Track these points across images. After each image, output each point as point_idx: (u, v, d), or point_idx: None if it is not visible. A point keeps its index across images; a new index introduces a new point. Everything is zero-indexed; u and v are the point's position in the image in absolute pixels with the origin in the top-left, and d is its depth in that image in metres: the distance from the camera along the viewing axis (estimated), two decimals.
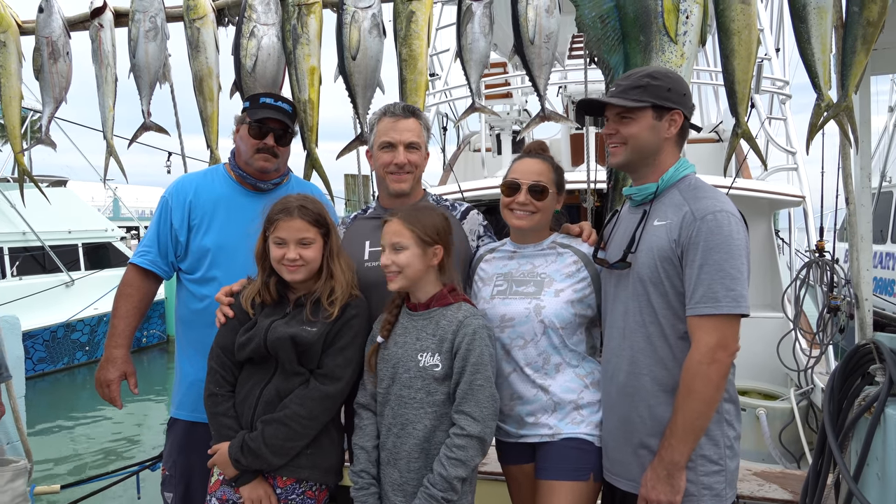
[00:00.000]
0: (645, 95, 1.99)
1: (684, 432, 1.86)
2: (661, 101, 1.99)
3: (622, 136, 2.03)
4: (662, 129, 2.01)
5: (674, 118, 2.01)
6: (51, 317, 12.41)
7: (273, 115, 2.56)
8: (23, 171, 3.32)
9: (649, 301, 1.97)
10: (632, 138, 2.02)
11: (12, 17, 3.08)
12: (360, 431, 2.18)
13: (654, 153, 2.03)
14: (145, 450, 8.75)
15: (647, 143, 2.02)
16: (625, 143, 2.03)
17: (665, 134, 2.02)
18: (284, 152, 2.63)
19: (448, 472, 1.95)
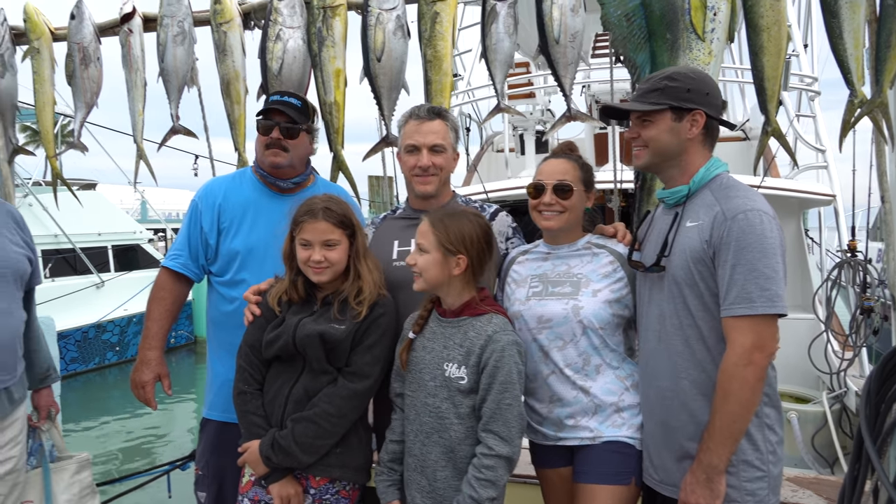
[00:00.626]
0: (662, 98, 1.98)
1: (722, 436, 1.83)
2: (679, 103, 1.97)
3: (643, 139, 2.03)
4: (683, 130, 1.99)
5: (695, 118, 1.98)
6: (82, 317, 12.66)
7: (278, 108, 2.56)
8: (56, 174, 3.39)
9: (685, 303, 1.94)
10: (652, 141, 2.01)
11: (45, 25, 3.15)
12: (390, 423, 2.21)
13: (678, 154, 2.01)
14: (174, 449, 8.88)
15: (667, 145, 2.00)
16: (646, 145, 2.03)
17: (687, 135, 1.99)
18: (295, 146, 2.58)
19: (479, 494, 1.94)
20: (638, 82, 2.66)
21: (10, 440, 2.45)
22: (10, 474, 2.47)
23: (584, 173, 2.28)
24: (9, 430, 2.45)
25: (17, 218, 2.58)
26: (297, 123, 2.57)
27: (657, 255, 2.00)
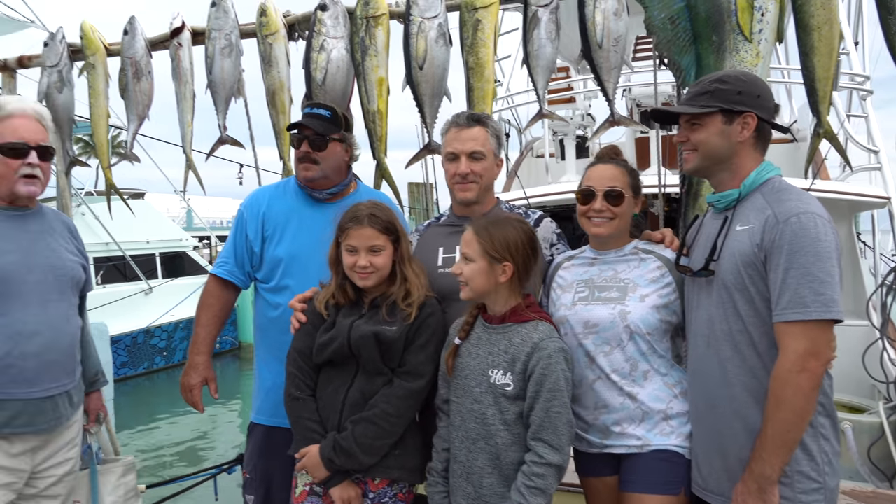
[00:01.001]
0: (712, 100, 1.95)
1: (775, 445, 1.79)
2: (730, 105, 1.94)
3: (692, 142, 2.01)
4: (734, 134, 1.96)
5: (746, 121, 1.95)
6: (132, 323, 13.03)
7: (306, 122, 2.59)
8: (110, 185, 3.50)
9: (735, 308, 1.90)
10: (701, 144, 1.98)
11: (100, 41, 3.26)
12: (437, 431, 2.22)
13: (729, 158, 1.98)
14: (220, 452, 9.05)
15: (717, 149, 1.97)
16: (695, 149, 2.00)
17: (738, 138, 1.96)
18: (325, 157, 2.60)
19: (528, 502, 1.94)
20: (683, 86, 2.63)
21: (68, 442, 2.53)
22: (69, 475, 2.56)
23: (633, 179, 2.26)
24: (68, 433, 2.53)
25: (72, 227, 2.67)
26: (323, 135, 2.59)
27: (706, 258, 1.96)
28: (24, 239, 2.40)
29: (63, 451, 2.51)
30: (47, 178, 2.47)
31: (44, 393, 2.38)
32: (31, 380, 2.34)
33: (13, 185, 2.35)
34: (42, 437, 2.41)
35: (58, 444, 2.48)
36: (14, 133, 2.35)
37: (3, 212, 2.39)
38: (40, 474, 2.44)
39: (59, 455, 2.49)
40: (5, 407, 2.30)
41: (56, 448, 2.47)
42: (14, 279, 2.32)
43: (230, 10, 3.08)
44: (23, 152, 2.36)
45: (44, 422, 2.40)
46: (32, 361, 2.33)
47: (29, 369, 2.33)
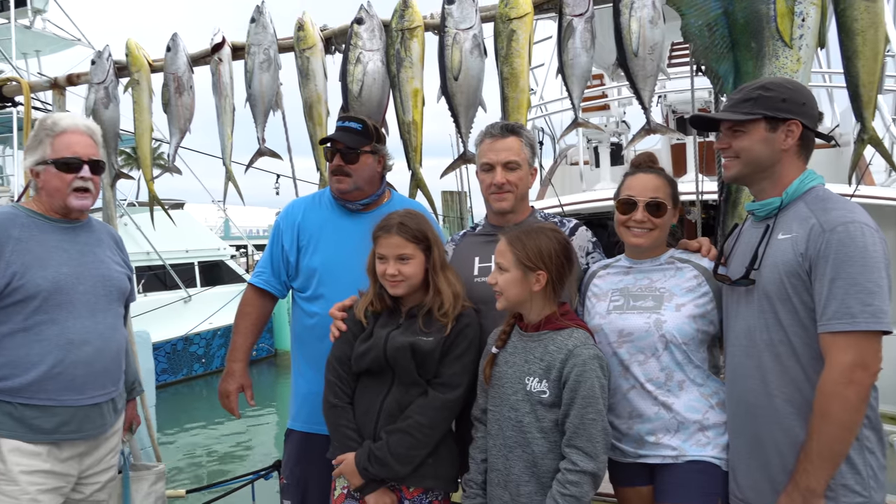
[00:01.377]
0: (756, 107, 1.92)
1: (820, 458, 1.75)
2: (774, 112, 1.91)
3: (734, 149, 1.98)
4: (778, 141, 1.93)
5: (790, 129, 1.92)
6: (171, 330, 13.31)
7: (337, 136, 2.65)
8: (153, 197, 3.59)
9: (777, 318, 1.87)
10: (743, 152, 1.96)
11: (144, 58, 3.36)
12: (473, 443, 2.23)
13: (771, 166, 1.95)
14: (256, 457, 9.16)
15: (760, 156, 1.94)
16: (737, 156, 1.98)
17: (781, 146, 1.93)
18: (356, 170, 2.64)
19: None
20: (721, 93, 2.60)
21: (112, 449, 2.60)
22: (112, 482, 2.63)
23: (672, 189, 2.24)
24: (112, 440, 2.60)
25: (117, 239, 2.76)
26: (354, 148, 2.63)
27: (746, 267, 1.93)
28: (75, 251, 2.48)
29: (107, 458, 2.58)
30: (97, 191, 2.56)
31: (91, 400, 2.45)
32: (80, 387, 2.41)
33: (66, 198, 2.44)
34: (89, 443, 2.48)
35: (102, 450, 2.55)
36: (68, 148, 2.44)
37: (55, 224, 2.48)
38: (86, 480, 2.51)
39: (104, 462, 2.56)
40: (55, 413, 2.37)
41: (101, 455, 2.54)
42: (66, 290, 2.40)
43: (269, 25, 3.14)
44: (76, 167, 2.44)
45: (91, 428, 2.47)
46: (82, 369, 2.41)
47: (78, 377, 2.40)
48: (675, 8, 2.58)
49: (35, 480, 2.34)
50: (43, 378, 2.34)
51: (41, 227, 2.44)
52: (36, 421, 2.34)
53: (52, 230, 2.46)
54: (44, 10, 17.76)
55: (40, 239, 2.40)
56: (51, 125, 2.46)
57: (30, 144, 2.48)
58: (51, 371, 2.35)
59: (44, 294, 2.35)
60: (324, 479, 2.49)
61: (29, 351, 2.34)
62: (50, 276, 2.37)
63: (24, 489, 2.31)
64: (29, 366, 2.33)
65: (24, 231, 2.38)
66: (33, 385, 2.34)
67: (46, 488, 2.36)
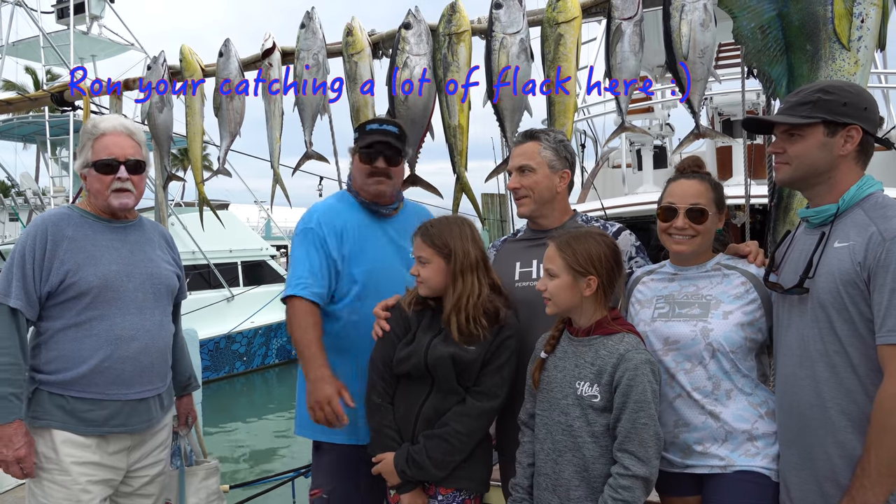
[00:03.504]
0: (815, 111, 1.87)
1: (879, 473, 1.71)
2: (834, 117, 1.86)
3: (789, 154, 1.93)
4: (836, 146, 1.87)
5: (850, 134, 1.87)
6: (215, 329, 13.60)
7: (380, 138, 2.63)
8: (203, 199, 3.69)
9: (832, 328, 1.83)
10: (799, 157, 1.90)
11: (198, 63, 3.45)
12: (520, 448, 2.23)
13: (827, 171, 1.90)
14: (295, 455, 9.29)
15: (816, 162, 1.89)
16: (789, 162, 1.93)
17: (840, 151, 1.88)
18: (397, 172, 2.68)
19: None
20: (773, 97, 2.55)
21: (160, 444, 2.68)
22: (161, 476, 2.70)
23: (717, 194, 2.20)
24: (159, 435, 2.67)
25: (168, 238, 2.83)
26: (399, 151, 2.64)
27: (800, 276, 1.88)
28: (126, 249, 2.57)
29: (155, 453, 2.65)
30: (140, 190, 2.60)
31: (138, 395, 2.52)
32: (127, 382, 2.49)
33: (107, 199, 2.52)
34: (136, 437, 2.56)
35: (150, 445, 2.62)
36: (105, 150, 2.52)
37: (106, 223, 2.57)
38: (134, 473, 2.59)
39: (152, 456, 2.64)
40: (104, 406, 2.46)
41: (149, 449, 2.62)
42: (115, 287, 2.48)
43: (318, 30, 3.19)
44: (114, 168, 2.51)
45: (137, 423, 2.54)
46: (129, 364, 2.48)
47: (126, 372, 2.48)
48: (727, 10, 2.54)
49: (85, 471, 2.42)
50: (92, 372, 2.42)
51: (94, 226, 2.53)
52: (86, 414, 2.43)
53: (104, 230, 2.55)
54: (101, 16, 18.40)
55: (92, 238, 2.49)
56: (91, 129, 2.55)
57: (79, 149, 2.59)
58: (100, 365, 2.43)
59: (95, 291, 2.43)
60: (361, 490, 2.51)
61: (80, 346, 2.42)
62: (101, 273, 2.45)
63: (76, 479, 2.40)
64: (80, 360, 2.42)
65: (78, 230, 2.48)
66: (83, 378, 2.42)
67: (96, 479, 2.45)
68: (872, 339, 1.76)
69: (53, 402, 2.42)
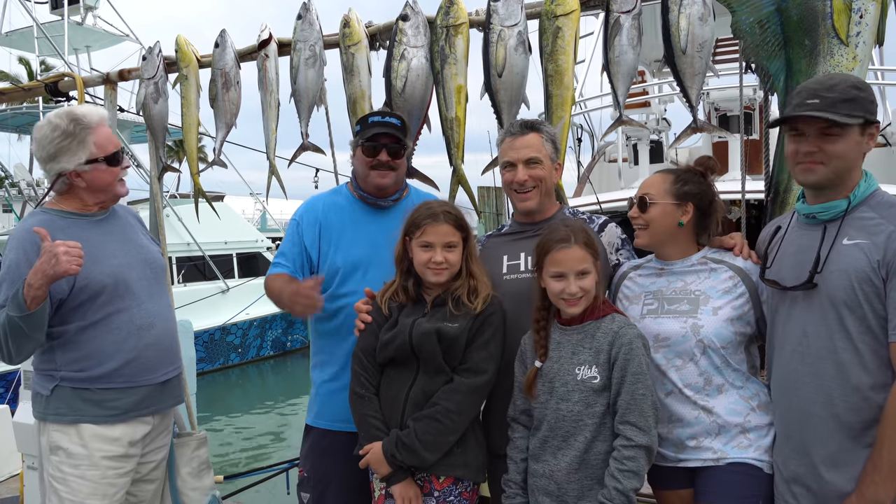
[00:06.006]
0: (856, 109, 1.81)
1: (891, 470, 1.71)
2: (870, 116, 1.83)
3: (826, 154, 1.84)
4: (863, 145, 1.86)
5: (872, 132, 1.86)
6: (209, 320, 13.58)
7: (383, 131, 2.62)
8: (198, 190, 3.67)
9: (842, 325, 1.82)
10: (837, 157, 1.84)
11: (193, 54, 3.42)
12: (512, 444, 2.22)
13: (850, 170, 1.88)
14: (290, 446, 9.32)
15: (850, 162, 1.85)
16: (825, 162, 1.85)
17: (864, 149, 1.87)
18: (400, 165, 2.68)
19: (623, 485, 1.94)
20: (770, 91, 2.54)
21: (167, 428, 2.72)
22: (164, 461, 2.73)
23: (678, 186, 2.18)
24: (168, 418, 2.73)
25: (138, 217, 2.85)
26: (402, 143, 2.64)
27: (809, 272, 1.86)
28: (116, 240, 2.58)
29: (162, 437, 2.69)
30: None
31: (164, 377, 2.58)
32: (153, 367, 2.54)
33: (116, 189, 2.52)
34: (154, 421, 2.59)
35: (161, 427, 2.66)
36: (111, 143, 2.52)
37: (89, 219, 2.54)
38: (144, 459, 2.62)
39: (160, 440, 2.67)
40: (132, 393, 2.49)
41: (158, 432, 2.65)
42: (125, 280, 2.50)
43: (315, 22, 3.17)
44: (122, 158, 2.56)
45: (162, 402, 2.60)
46: (153, 351, 2.53)
47: (150, 358, 2.52)
48: (726, 4, 2.53)
49: (113, 465, 2.44)
50: (121, 365, 2.45)
51: (80, 224, 2.51)
52: (115, 402, 2.45)
53: (89, 226, 2.53)
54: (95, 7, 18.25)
55: (84, 237, 2.45)
56: (87, 122, 2.49)
57: (66, 146, 2.42)
58: (127, 357, 2.46)
59: (109, 289, 2.45)
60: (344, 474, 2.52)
61: (104, 342, 2.43)
62: (107, 269, 2.46)
63: (104, 473, 2.42)
64: (107, 357, 2.43)
65: (67, 234, 2.41)
66: (112, 373, 2.44)
67: (122, 472, 2.47)
68: (885, 337, 1.76)
69: (80, 397, 2.42)
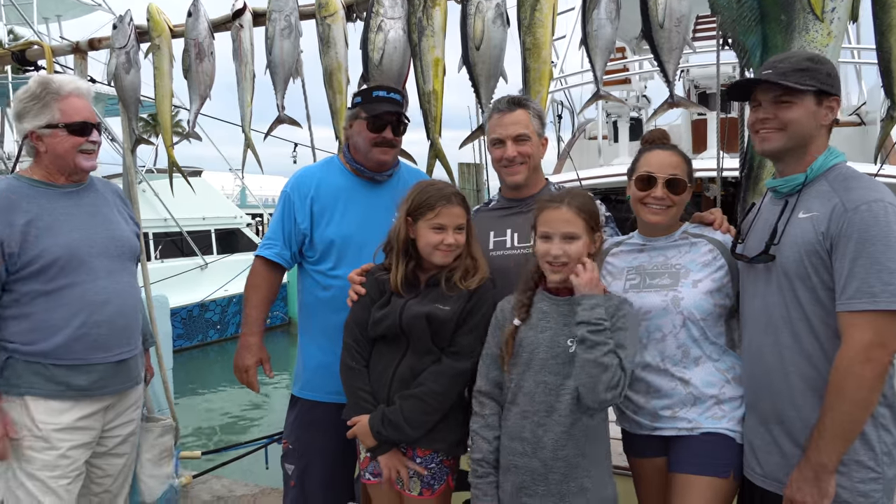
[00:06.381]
0: (808, 79, 1.88)
1: (833, 435, 1.76)
2: (824, 87, 1.88)
3: (781, 120, 1.91)
4: (820, 116, 1.90)
5: (831, 105, 1.90)
6: (188, 297, 13.47)
7: (389, 108, 2.62)
8: (173, 163, 3.61)
9: (795, 296, 1.87)
10: (792, 124, 1.90)
11: (165, 23, 3.35)
12: (482, 420, 2.14)
13: (808, 141, 1.92)
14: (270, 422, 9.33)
15: (804, 130, 1.90)
16: (782, 128, 1.91)
17: (822, 121, 1.91)
18: (400, 142, 2.69)
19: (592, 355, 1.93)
20: (747, 67, 2.55)
21: (133, 403, 2.69)
22: (133, 436, 2.72)
23: (689, 167, 2.22)
24: (134, 393, 2.69)
25: (121, 194, 2.80)
26: (404, 120, 2.64)
27: (766, 243, 1.92)
28: (84, 214, 2.53)
29: (128, 412, 2.66)
30: (98, 152, 2.61)
31: (118, 357, 2.53)
32: (106, 345, 2.49)
33: (75, 158, 2.47)
34: (113, 397, 2.56)
35: (124, 404, 2.63)
36: (78, 113, 2.47)
37: (59, 190, 2.51)
38: (109, 433, 2.60)
39: (125, 415, 2.65)
40: (86, 371, 2.45)
41: (123, 408, 2.63)
42: (80, 253, 2.45)
43: None
44: (87, 130, 2.49)
45: (118, 383, 2.56)
46: (105, 329, 2.48)
47: (102, 336, 2.47)
48: None
49: (65, 437, 2.42)
50: (69, 340, 2.41)
51: (47, 195, 2.47)
52: (67, 379, 2.41)
53: (58, 197, 2.49)
54: None
55: (48, 208, 2.43)
56: (57, 88, 2.46)
57: (30, 108, 2.44)
58: (76, 332, 2.41)
59: (60, 262, 2.40)
60: (330, 446, 2.55)
61: (52, 315, 2.39)
62: (62, 242, 2.41)
63: (55, 445, 2.39)
64: (55, 329, 2.39)
65: (32, 202, 2.41)
66: (61, 348, 2.40)
67: (76, 444, 2.44)
68: (833, 307, 1.80)
69: (32, 370, 2.39)
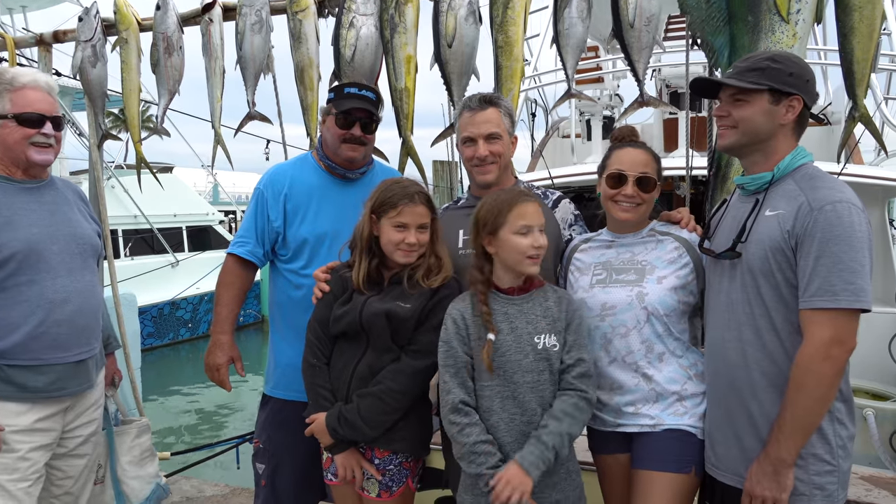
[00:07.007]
0: (762, 78, 1.91)
1: (792, 429, 1.80)
2: (780, 86, 1.91)
3: (733, 118, 1.96)
4: (778, 115, 1.93)
5: (792, 104, 1.92)
6: (158, 295, 13.27)
7: (359, 105, 2.60)
8: (141, 159, 3.55)
9: (759, 293, 1.90)
10: (743, 121, 1.94)
11: (133, 16, 3.28)
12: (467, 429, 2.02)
13: (767, 139, 1.95)
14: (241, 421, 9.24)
15: (759, 128, 1.94)
16: (735, 126, 1.96)
17: (781, 120, 1.93)
18: (371, 140, 2.67)
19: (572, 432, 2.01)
20: (716, 67, 2.59)
21: (93, 403, 2.64)
22: (94, 435, 2.67)
23: (658, 165, 2.25)
24: (94, 394, 2.64)
25: (82, 195, 2.74)
26: (376, 118, 2.62)
27: (733, 240, 1.95)
28: (44, 210, 2.47)
29: (89, 412, 2.61)
30: (59, 147, 2.53)
31: (77, 357, 2.48)
32: (65, 345, 2.43)
33: (26, 150, 2.40)
34: (73, 398, 2.51)
35: (84, 404, 2.58)
36: (30, 105, 2.41)
37: (19, 185, 2.45)
38: (69, 434, 2.55)
39: (86, 415, 2.60)
40: (43, 372, 2.39)
41: (83, 408, 2.58)
42: (40, 251, 2.39)
43: None
44: (38, 122, 2.42)
45: (76, 385, 2.50)
46: (65, 328, 2.42)
47: (62, 335, 2.42)
48: None
49: (23, 439, 2.36)
50: (27, 339, 2.35)
51: (4, 189, 2.41)
52: (24, 380, 2.35)
53: (17, 192, 2.43)
54: None
55: (6, 202, 2.37)
56: (10, 79, 2.41)
57: None
58: (34, 331, 2.36)
59: (19, 256, 2.34)
60: (301, 446, 2.51)
61: (10, 312, 2.33)
62: (21, 237, 2.35)
63: (14, 448, 2.33)
64: (12, 327, 2.33)
65: None
66: (17, 346, 2.34)
67: (35, 446, 2.39)
68: (796, 304, 1.84)
69: None
